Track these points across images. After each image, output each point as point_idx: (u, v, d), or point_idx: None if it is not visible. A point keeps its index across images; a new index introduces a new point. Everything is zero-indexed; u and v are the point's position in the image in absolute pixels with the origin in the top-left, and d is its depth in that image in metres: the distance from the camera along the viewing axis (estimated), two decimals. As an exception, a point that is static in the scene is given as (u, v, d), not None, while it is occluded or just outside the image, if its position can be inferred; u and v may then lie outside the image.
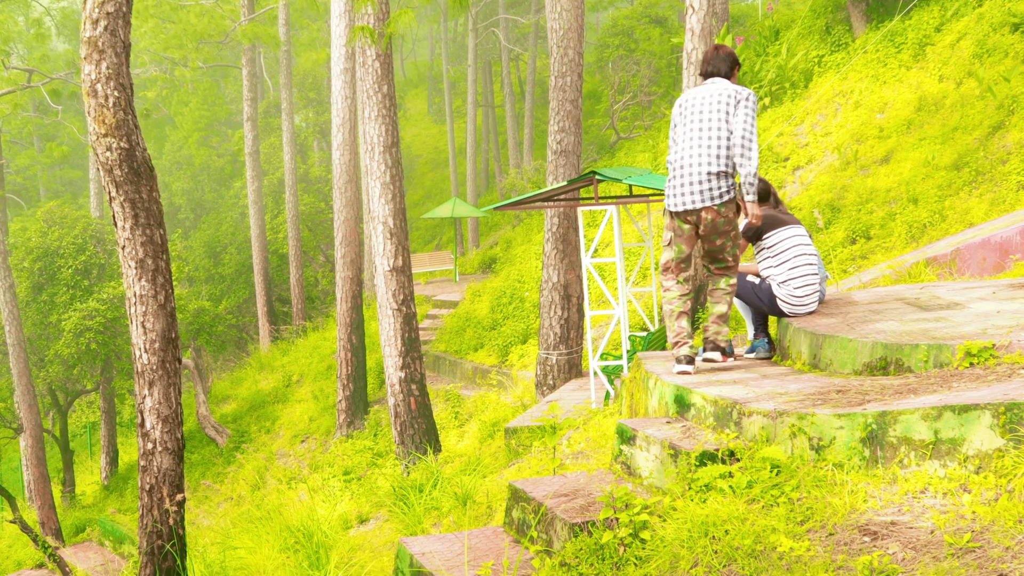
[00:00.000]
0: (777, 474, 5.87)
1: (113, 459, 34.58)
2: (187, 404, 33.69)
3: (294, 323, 38.76)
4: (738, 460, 6.18)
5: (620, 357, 15.85)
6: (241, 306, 46.53)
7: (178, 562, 8.97)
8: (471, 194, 46.55)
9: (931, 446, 5.52)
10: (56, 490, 33.35)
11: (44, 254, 33.52)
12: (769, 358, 8.49)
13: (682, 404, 7.20)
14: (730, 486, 5.89)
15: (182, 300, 32.68)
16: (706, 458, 6.23)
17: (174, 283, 33.78)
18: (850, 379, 6.97)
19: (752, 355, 8.61)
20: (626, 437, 7.15)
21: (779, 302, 8.39)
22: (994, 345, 6.66)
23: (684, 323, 8.04)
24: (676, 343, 7.99)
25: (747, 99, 7.85)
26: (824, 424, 5.92)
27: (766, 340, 8.60)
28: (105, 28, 8.25)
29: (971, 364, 6.61)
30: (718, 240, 7.99)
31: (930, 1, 22.00)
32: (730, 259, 8.12)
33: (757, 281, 8.55)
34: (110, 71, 8.27)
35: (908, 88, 20.15)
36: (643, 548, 5.82)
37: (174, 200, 56.72)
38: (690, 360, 7.91)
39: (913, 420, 5.60)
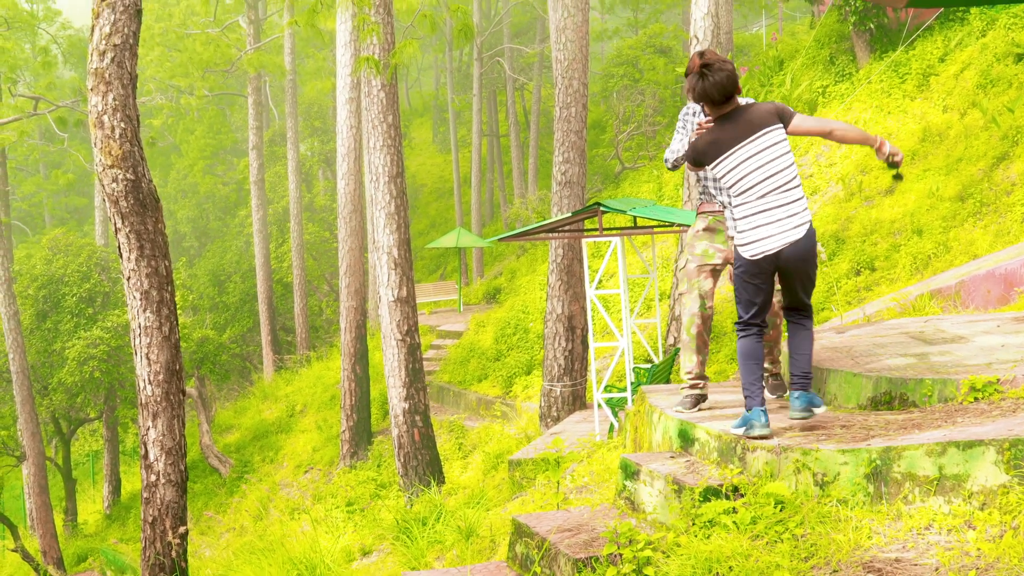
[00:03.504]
0: (781, 510, 5.85)
1: (116, 488, 34.52)
2: (190, 433, 33.64)
3: (298, 352, 38.76)
4: (742, 495, 6.16)
5: (624, 389, 15.83)
6: (245, 335, 46.55)
7: (180, 594, 8.94)
8: (476, 224, 46.61)
9: (936, 482, 5.51)
10: (58, 519, 33.27)
11: (49, 282, 33.54)
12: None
13: (686, 439, 7.18)
14: (734, 522, 5.87)
15: (186, 329, 32.68)
16: (710, 493, 6.21)
17: (178, 312, 33.78)
18: (854, 414, 6.95)
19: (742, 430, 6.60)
20: (630, 472, 7.13)
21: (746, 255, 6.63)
22: (999, 380, 6.65)
23: None
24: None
25: None
26: (828, 460, 5.91)
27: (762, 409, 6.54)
28: (112, 60, 8.29)
29: (976, 399, 6.60)
30: None
31: (933, 31, 22.06)
32: None
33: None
34: (116, 102, 8.31)
35: (912, 119, 20.18)
36: (647, 584, 5.80)
37: (179, 228, 56.85)
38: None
39: (917, 456, 5.58)
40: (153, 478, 8.67)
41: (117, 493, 34.49)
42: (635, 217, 16.82)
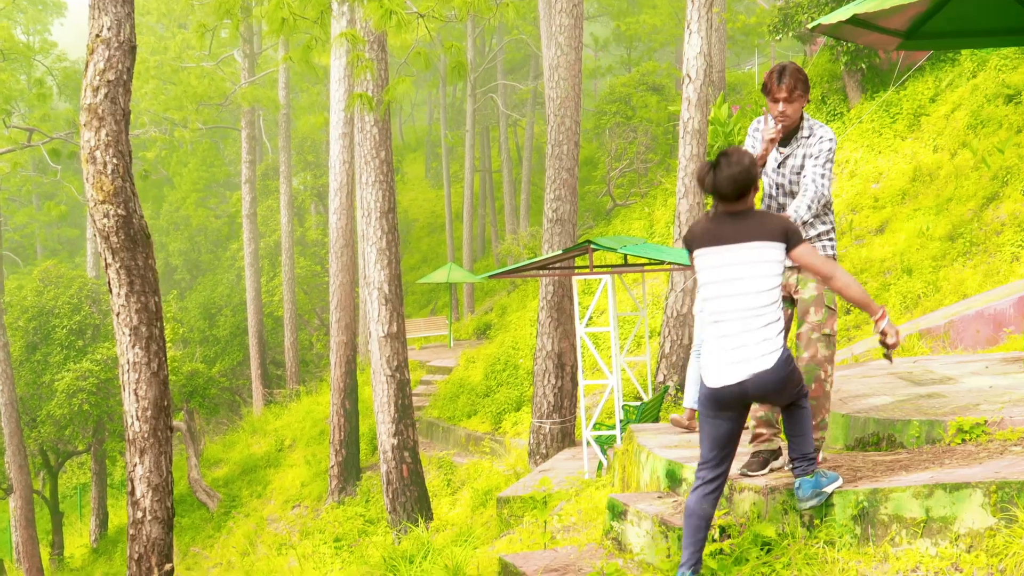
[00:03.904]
0: (768, 551, 5.85)
1: (103, 522, 34.34)
2: (178, 467, 33.51)
3: (288, 387, 38.65)
4: (729, 536, 6.15)
5: (613, 427, 15.81)
6: (235, 368, 46.44)
7: (165, 631, 8.89)
8: (467, 259, 46.64)
9: (922, 524, 5.51)
10: (44, 552, 33.06)
11: (39, 313, 33.48)
12: None
13: (674, 479, 7.17)
14: (721, 563, 5.86)
15: (176, 362, 32.62)
16: (697, 534, 6.19)
17: (168, 345, 33.67)
18: (842, 454, 6.95)
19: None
20: (617, 512, 7.12)
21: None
22: (986, 421, 6.67)
23: None
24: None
25: None
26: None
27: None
28: (105, 96, 8.31)
29: (963, 440, 6.62)
30: None
31: (924, 72, 22.20)
32: None
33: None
34: (109, 138, 8.32)
35: (903, 158, 20.28)
36: (633, 625, 5.79)
37: (170, 261, 56.83)
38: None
39: (904, 498, 5.59)
40: (140, 515, 8.64)
41: (104, 527, 34.30)
42: (626, 255, 16.85)
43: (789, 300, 6.65)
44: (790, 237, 5.73)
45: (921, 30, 9.26)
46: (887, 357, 6.03)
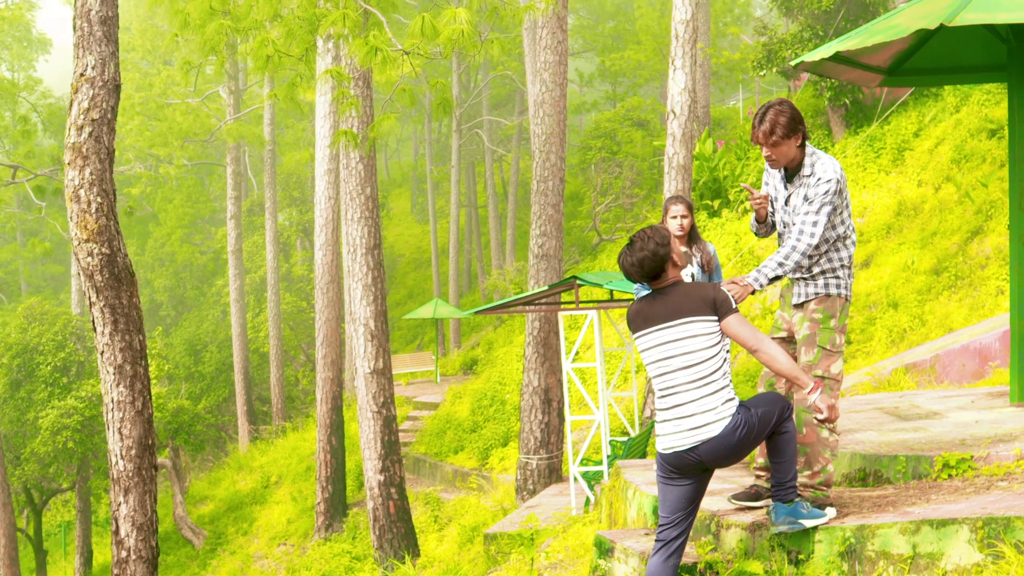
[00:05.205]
0: (756, 589, 5.83)
1: (87, 560, 34.08)
2: (164, 504, 33.34)
3: (273, 423, 38.52)
4: (717, 574, 6.13)
5: (600, 462, 15.78)
6: (221, 405, 46.28)
7: (150, 672, 8.81)
8: (453, 294, 46.62)
9: (910, 560, 5.50)
10: (29, 591, 32.83)
11: (23, 350, 33.33)
12: None
13: (661, 515, 7.15)
14: (708, 601, 5.84)
15: (161, 399, 32.47)
16: (684, 571, 6.18)
17: (153, 381, 33.55)
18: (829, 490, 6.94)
19: None
20: (604, 549, 7.09)
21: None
22: (972, 456, 6.67)
23: None
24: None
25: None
26: (803, 537, 5.90)
27: None
28: (90, 135, 8.31)
29: (949, 476, 6.62)
30: None
31: (908, 107, 22.32)
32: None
33: None
34: (93, 177, 8.32)
35: (887, 192, 20.34)
36: (621, 664, 5.75)
37: (156, 297, 56.70)
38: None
39: (891, 534, 5.58)
40: (124, 554, 8.58)
41: (88, 565, 34.03)
42: (612, 290, 16.86)
43: (792, 340, 6.56)
44: (718, 308, 5.81)
45: (903, 67, 9.32)
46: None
